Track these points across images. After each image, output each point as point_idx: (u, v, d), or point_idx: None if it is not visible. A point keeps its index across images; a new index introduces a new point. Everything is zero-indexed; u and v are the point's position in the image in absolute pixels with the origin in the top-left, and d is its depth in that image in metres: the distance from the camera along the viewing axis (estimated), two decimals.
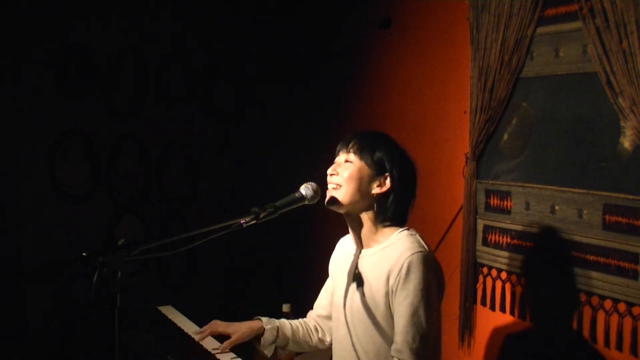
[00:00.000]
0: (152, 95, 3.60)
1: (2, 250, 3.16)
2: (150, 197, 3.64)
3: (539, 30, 2.34)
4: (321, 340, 2.23)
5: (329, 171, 1.97)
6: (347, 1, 3.52)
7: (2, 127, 3.15)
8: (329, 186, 1.95)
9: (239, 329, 2.09)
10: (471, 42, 2.58)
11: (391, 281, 1.85)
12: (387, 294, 1.86)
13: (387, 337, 1.90)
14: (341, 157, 1.98)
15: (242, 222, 1.71)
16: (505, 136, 2.52)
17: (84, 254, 1.39)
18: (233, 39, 3.83)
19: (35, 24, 3.18)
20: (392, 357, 1.84)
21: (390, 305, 1.87)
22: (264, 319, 2.14)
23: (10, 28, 3.12)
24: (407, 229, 1.95)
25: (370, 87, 3.35)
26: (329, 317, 2.21)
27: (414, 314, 1.81)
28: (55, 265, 3.21)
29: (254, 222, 1.74)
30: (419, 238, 1.92)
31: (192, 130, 3.74)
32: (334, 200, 1.92)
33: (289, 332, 2.15)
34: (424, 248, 1.88)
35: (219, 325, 2.13)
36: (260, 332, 2.10)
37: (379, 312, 1.89)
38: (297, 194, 1.89)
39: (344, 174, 1.92)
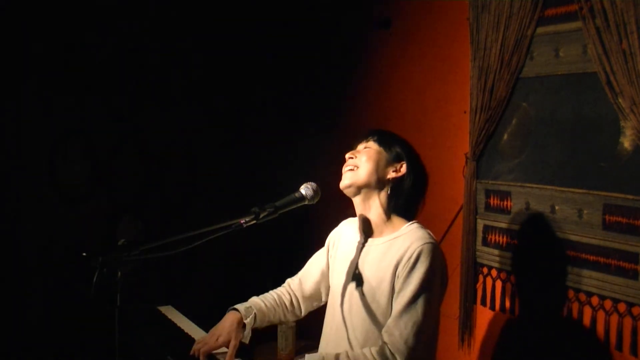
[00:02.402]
0: (152, 95, 3.60)
1: (2, 250, 3.16)
2: (150, 197, 3.64)
3: (539, 30, 2.34)
4: (295, 315, 2.25)
5: (347, 155, 2.01)
6: (347, 1, 3.52)
7: (2, 127, 3.15)
8: (346, 168, 1.99)
9: (230, 333, 2.00)
10: (471, 42, 2.58)
11: (399, 269, 1.86)
12: (392, 283, 1.87)
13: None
14: (360, 147, 2.04)
15: (242, 222, 1.71)
16: (505, 136, 2.52)
17: (84, 254, 1.39)
18: (233, 38, 3.83)
19: (35, 23, 3.18)
20: (382, 339, 1.82)
21: (394, 293, 1.86)
22: (242, 310, 2.07)
23: (10, 28, 3.12)
24: (417, 222, 1.98)
25: (370, 87, 3.35)
26: (311, 297, 2.22)
27: (413, 301, 1.81)
28: (55, 265, 3.21)
29: (254, 222, 1.74)
30: (429, 231, 1.95)
31: (192, 130, 3.74)
32: (349, 180, 1.96)
33: (266, 316, 2.14)
34: (434, 240, 1.91)
35: (208, 342, 2.01)
36: (243, 324, 2.06)
37: (380, 304, 1.89)
38: (297, 194, 1.89)
39: (362, 157, 1.98)
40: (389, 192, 1.98)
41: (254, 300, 2.17)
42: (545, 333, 2.38)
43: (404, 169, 1.99)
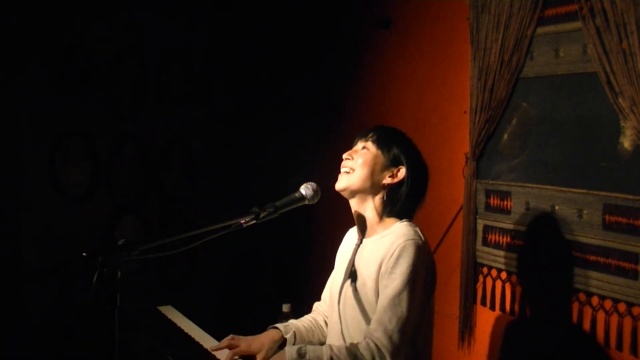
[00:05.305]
0: (152, 95, 3.60)
1: (2, 251, 3.17)
2: (150, 197, 3.64)
3: (539, 30, 2.34)
4: None
5: (344, 155, 1.98)
6: (347, 1, 3.52)
7: (2, 127, 3.15)
8: (342, 170, 1.97)
9: (263, 345, 2.00)
10: (471, 42, 2.58)
11: (382, 266, 1.86)
12: (377, 280, 1.87)
13: None
14: (359, 145, 2.00)
15: (242, 222, 1.71)
16: (505, 136, 2.52)
17: (84, 254, 1.39)
18: (233, 39, 3.83)
19: (35, 24, 3.18)
20: (368, 334, 1.81)
21: (378, 290, 1.87)
22: (281, 328, 2.08)
23: (11, 28, 3.12)
24: (407, 220, 1.96)
25: (370, 87, 3.35)
26: None
27: (396, 297, 1.80)
28: (55, 265, 3.21)
29: (254, 222, 1.74)
30: (418, 229, 1.93)
31: (192, 130, 3.75)
32: (344, 183, 1.94)
33: (304, 336, 2.13)
34: (420, 238, 1.89)
35: (239, 342, 2.00)
36: (281, 343, 2.05)
37: (370, 301, 1.89)
38: (297, 194, 1.89)
39: (358, 160, 1.94)
40: (384, 197, 1.96)
41: (292, 321, 2.17)
42: (545, 333, 2.38)
43: (401, 174, 1.95)
